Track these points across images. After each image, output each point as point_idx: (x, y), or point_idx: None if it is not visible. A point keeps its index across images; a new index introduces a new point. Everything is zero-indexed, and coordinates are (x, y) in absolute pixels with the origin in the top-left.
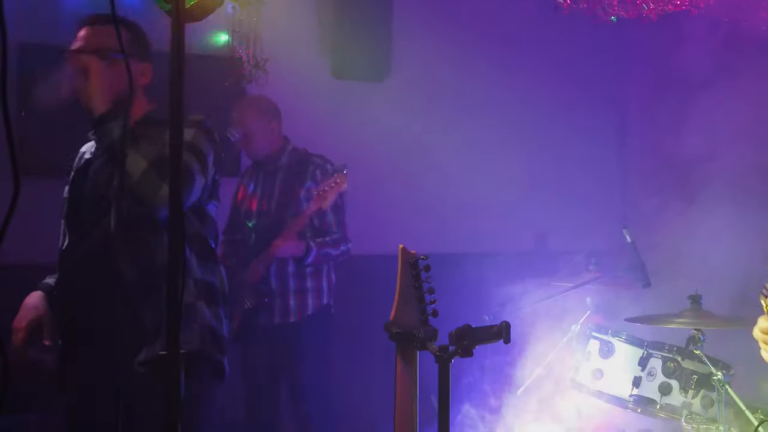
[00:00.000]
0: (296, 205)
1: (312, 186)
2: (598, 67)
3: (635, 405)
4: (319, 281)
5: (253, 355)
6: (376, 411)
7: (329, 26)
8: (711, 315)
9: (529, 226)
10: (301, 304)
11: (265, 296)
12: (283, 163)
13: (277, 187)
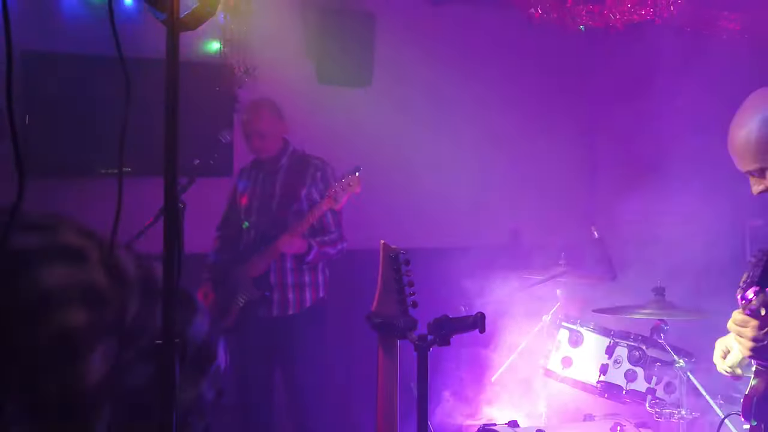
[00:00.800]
0: (297, 205)
1: (312, 189)
2: (567, 73)
3: (602, 391)
4: (315, 276)
5: (250, 346)
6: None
7: (314, 35)
8: (674, 306)
9: (503, 222)
10: (299, 297)
11: (266, 290)
12: (284, 164)
13: (278, 187)
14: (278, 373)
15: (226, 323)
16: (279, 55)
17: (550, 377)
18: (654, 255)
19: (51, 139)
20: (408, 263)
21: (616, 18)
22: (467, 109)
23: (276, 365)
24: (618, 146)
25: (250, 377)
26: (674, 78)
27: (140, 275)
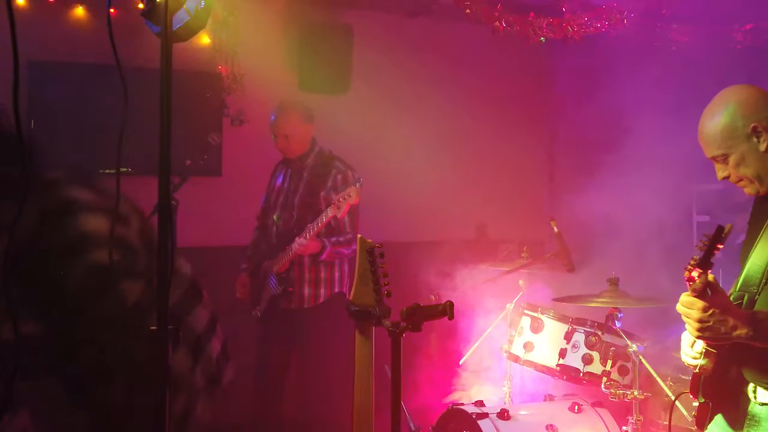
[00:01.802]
0: (316, 205)
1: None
2: (529, 81)
3: (561, 373)
4: (331, 272)
5: (271, 333)
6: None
7: (297, 46)
8: (627, 295)
9: (471, 218)
10: (314, 293)
11: (289, 286)
12: (309, 164)
13: (303, 185)
14: (294, 359)
15: (257, 312)
16: (264, 64)
17: (514, 361)
18: (609, 248)
19: (54, 141)
20: (383, 256)
21: (574, 30)
22: (438, 114)
23: (292, 352)
24: (575, 147)
25: (269, 360)
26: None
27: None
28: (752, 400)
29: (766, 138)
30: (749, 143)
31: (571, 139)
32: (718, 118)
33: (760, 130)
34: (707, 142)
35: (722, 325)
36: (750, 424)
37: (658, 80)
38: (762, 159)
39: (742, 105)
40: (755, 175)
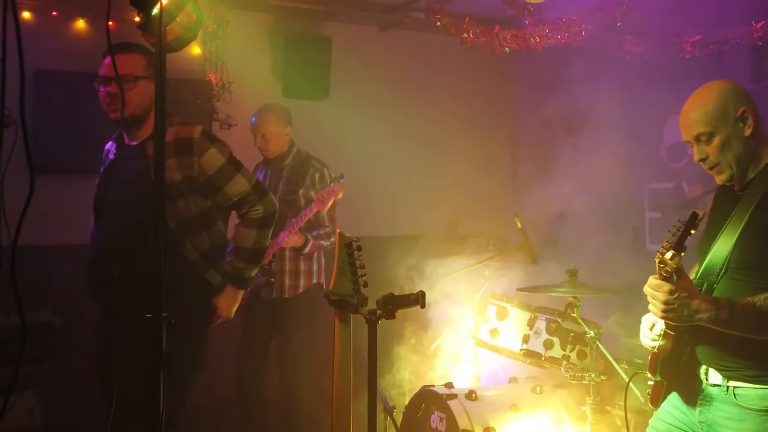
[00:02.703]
0: (296, 201)
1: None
2: (494, 88)
3: (525, 357)
4: (310, 264)
5: (253, 322)
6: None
7: (281, 56)
8: (585, 285)
9: (442, 214)
10: (294, 283)
11: (272, 276)
12: (289, 164)
13: (283, 183)
14: (274, 346)
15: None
16: (251, 73)
17: (481, 346)
18: (568, 242)
19: (57, 143)
20: (360, 249)
21: (536, 41)
22: (410, 118)
23: (273, 338)
24: (536, 149)
25: (251, 346)
26: (584, 91)
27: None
28: (704, 381)
29: (752, 124)
30: (736, 127)
31: (533, 141)
32: (710, 99)
33: (748, 115)
34: (696, 120)
35: (686, 308)
36: (702, 403)
37: (614, 87)
38: (745, 143)
39: (733, 91)
40: (735, 158)
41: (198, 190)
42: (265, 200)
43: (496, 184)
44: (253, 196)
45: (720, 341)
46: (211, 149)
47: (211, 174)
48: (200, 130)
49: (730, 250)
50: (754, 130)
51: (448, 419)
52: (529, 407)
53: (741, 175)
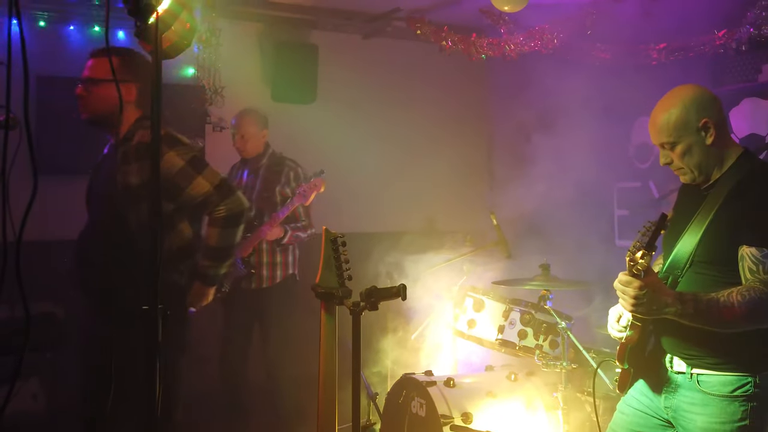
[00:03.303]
0: (272, 198)
1: (286, 187)
2: (471, 92)
3: (500, 346)
4: (286, 256)
5: (235, 311)
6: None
7: (270, 62)
8: (557, 279)
9: (421, 211)
10: (272, 274)
11: (252, 267)
12: (265, 163)
13: (259, 182)
14: (256, 333)
15: (221, 295)
16: (242, 78)
17: (459, 336)
18: (541, 237)
19: (59, 145)
20: (344, 245)
21: (511, 49)
22: (392, 120)
23: (254, 326)
24: (511, 149)
25: (234, 333)
26: (556, 96)
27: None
28: (669, 368)
29: (713, 133)
30: (697, 136)
31: (508, 142)
32: (673, 109)
33: (710, 125)
34: (659, 130)
35: (654, 303)
36: (668, 389)
37: (584, 92)
38: (706, 151)
39: (697, 101)
40: (697, 164)
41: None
42: (229, 200)
43: (472, 183)
44: (216, 196)
45: (684, 331)
46: (169, 153)
47: (170, 177)
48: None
49: (695, 246)
50: (715, 138)
51: (428, 405)
52: (504, 394)
53: (704, 177)
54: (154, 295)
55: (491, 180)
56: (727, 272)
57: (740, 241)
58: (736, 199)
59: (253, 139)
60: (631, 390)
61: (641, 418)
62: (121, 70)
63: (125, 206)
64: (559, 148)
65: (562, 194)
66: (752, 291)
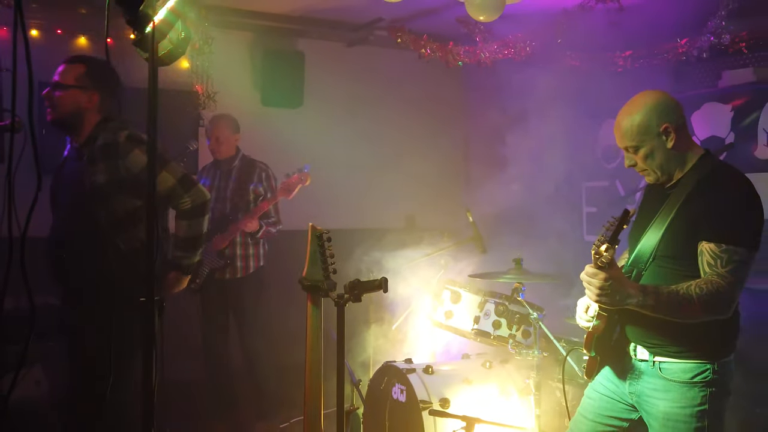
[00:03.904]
0: (246, 196)
1: (258, 185)
2: (448, 95)
3: (476, 336)
4: (257, 249)
5: (210, 300)
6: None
7: (260, 69)
8: (529, 272)
9: (402, 210)
10: (245, 265)
11: (228, 259)
12: (236, 165)
13: (232, 182)
14: (232, 320)
15: (196, 285)
16: (233, 84)
17: (437, 326)
18: (515, 233)
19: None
20: (330, 240)
21: (486, 56)
22: (374, 123)
23: (229, 313)
24: (486, 150)
25: (212, 322)
26: (529, 100)
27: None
28: (633, 356)
29: (674, 137)
30: (659, 140)
31: (483, 144)
32: (636, 115)
33: (670, 130)
34: (623, 134)
35: (617, 294)
36: (632, 376)
37: (555, 96)
38: (667, 154)
39: (658, 107)
40: (659, 166)
41: (128, 189)
42: (192, 192)
43: (450, 182)
44: (180, 189)
45: (647, 322)
46: (134, 151)
47: (136, 173)
48: (125, 134)
49: (658, 241)
50: (676, 142)
51: (408, 391)
52: (479, 380)
53: (667, 178)
54: (150, 286)
55: (467, 179)
56: (687, 266)
57: (699, 237)
58: (696, 198)
59: (226, 142)
60: (597, 376)
61: (607, 403)
62: (86, 77)
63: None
64: (532, 150)
65: (534, 193)
66: (710, 284)
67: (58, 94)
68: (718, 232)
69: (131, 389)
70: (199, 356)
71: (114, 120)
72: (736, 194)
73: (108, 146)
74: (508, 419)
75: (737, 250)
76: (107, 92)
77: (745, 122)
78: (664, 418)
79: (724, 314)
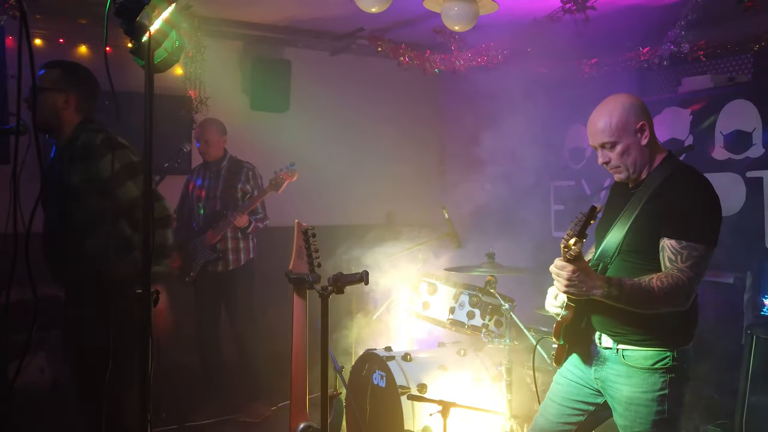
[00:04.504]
0: (234, 195)
1: (246, 184)
2: (426, 99)
3: (451, 326)
4: (247, 243)
5: (204, 292)
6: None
7: (249, 76)
8: (501, 266)
9: (382, 207)
10: (236, 258)
11: (220, 252)
12: (224, 166)
13: (221, 182)
14: (223, 310)
15: (191, 278)
16: (224, 89)
17: (415, 316)
18: (487, 229)
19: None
20: (314, 236)
21: (461, 64)
22: (356, 127)
23: (221, 304)
24: (460, 151)
25: (205, 312)
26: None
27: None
28: (598, 344)
29: (648, 135)
30: (635, 137)
31: (458, 145)
32: (615, 112)
33: (645, 127)
34: (601, 131)
35: (584, 285)
36: (597, 362)
37: (525, 101)
38: (641, 151)
39: (635, 106)
40: (633, 163)
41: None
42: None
43: (427, 182)
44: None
45: (611, 312)
46: (108, 156)
47: (105, 177)
48: (102, 137)
49: (623, 237)
50: (649, 140)
51: (388, 377)
52: (455, 367)
53: (637, 175)
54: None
55: (443, 179)
56: (650, 260)
57: (662, 234)
58: (659, 197)
59: (215, 144)
60: (566, 363)
61: (574, 388)
62: (62, 80)
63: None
64: (503, 151)
65: (506, 191)
66: (670, 278)
67: (38, 98)
68: (679, 230)
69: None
70: (191, 344)
71: (95, 122)
72: (697, 194)
73: (86, 147)
74: (482, 403)
75: (697, 247)
76: (84, 93)
77: (703, 126)
78: (627, 402)
79: (682, 306)
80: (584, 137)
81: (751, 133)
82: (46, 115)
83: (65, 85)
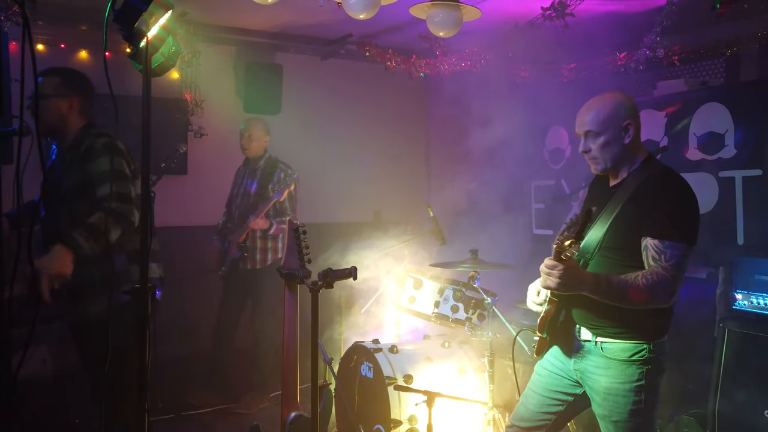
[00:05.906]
0: (266, 194)
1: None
2: (412, 102)
3: (436, 319)
4: (276, 243)
5: (231, 286)
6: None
7: (242, 79)
8: (484, 262)
9: (369, 205)
10: (263, 257)
11: (246, 251)
12: (261, 165)
13: (257, 180)
14: (248, 306)
15: (222, 273)
16: (218, 92)
17: (401, 310)
18: (471, 227)
19: None
20: (305, 233)
21: (445, 68)
22: (345, 128)
23: (247, 299)
24: (445, 151)
25: (229, 305)
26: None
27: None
28: (578, 337)
29: (632, 135)
30: (619, 134)
31: (443, 146)
32: (607, 104)
33: (630, 127)
34: (589, 119)
35: (574, 281)
36: (577, 354)
37: (507, 104)
38: (622, 148)
39: (626, 105)
40: (612, 158)
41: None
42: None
43: (413, 181)
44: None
45: (590, 306)
46: (102, 158)
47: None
48: (103, 141)
49: (604, 234)
50: (632, 140)
51: (375, 368)
52: (439, 359)
53: (614, 171)
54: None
55: (429, 178)
56: (629, 257)
57: (643, 233)
58: (640, 196)
59: (257, 140)
60: (546, 355)
61: (555, 379)
62: (63, 87)
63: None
64: (486, 152)
65: (489, 190)
66: (655, 275)
67: (41, 105)
68: (661, 230)
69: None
70: (191, 334)
71: (97, 126)
72: (678, 195)
73: (88, 150)
74: (465, 393)
75: (678, 246)
76: (85, 97)
77: (677, 127)
78: (605, 392)
79: (666, 303)
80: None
81: (723, 134)
82: (52, 121)
83: (67, 90)
